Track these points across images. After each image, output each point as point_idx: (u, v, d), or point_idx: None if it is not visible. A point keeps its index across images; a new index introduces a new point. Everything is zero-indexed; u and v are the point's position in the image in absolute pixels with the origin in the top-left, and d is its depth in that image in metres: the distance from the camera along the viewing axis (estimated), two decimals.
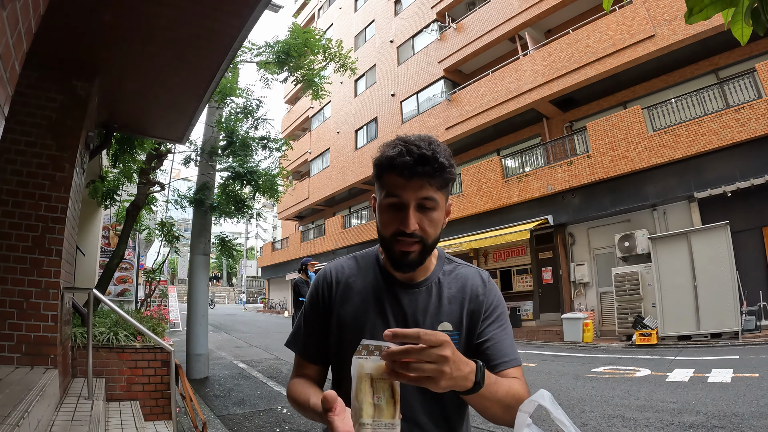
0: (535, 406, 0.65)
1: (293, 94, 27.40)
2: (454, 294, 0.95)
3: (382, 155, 0.88)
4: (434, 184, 0.85)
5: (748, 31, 0.96)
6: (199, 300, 6.88)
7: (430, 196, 0.85)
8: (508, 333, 0.96)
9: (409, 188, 0.84)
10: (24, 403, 1.96)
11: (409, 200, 0.85)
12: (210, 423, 4.01)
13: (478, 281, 0.98)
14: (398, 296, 0.93)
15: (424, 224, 0.86)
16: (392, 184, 0.86)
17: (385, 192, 0.87)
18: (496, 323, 0.95)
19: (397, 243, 0.87)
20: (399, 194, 0.85)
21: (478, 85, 14.57)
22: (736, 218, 8.67)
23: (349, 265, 1.01)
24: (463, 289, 0.96)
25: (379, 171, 0.89)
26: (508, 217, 12.81)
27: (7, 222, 2.87)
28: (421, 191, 0.84)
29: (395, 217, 0.86)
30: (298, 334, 1.01)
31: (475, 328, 0.94)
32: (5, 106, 0.96)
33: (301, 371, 0.99)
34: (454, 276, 0.98)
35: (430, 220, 0.87)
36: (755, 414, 3.81)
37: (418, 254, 0.88)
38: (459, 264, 1.02)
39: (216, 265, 48.24)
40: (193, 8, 2.98)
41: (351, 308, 0.94)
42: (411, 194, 0.84)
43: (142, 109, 4.61)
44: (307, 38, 6.87)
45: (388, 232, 0.88)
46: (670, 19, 9.99)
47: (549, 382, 5.81)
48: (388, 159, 0.85)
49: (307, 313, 1.00)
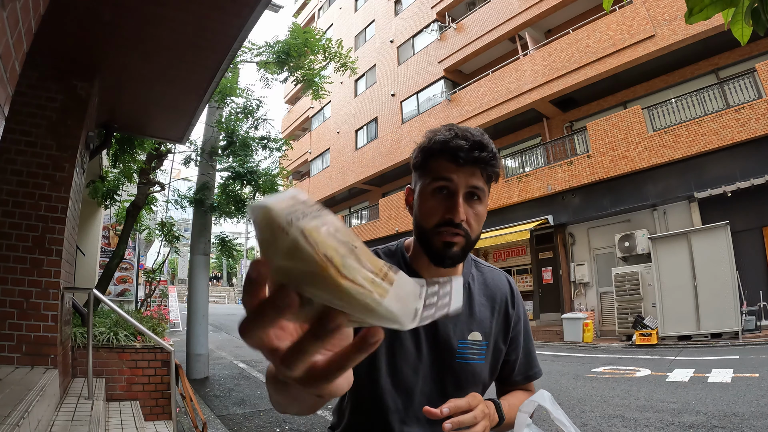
0: (535, 406, 0.65)
1: (293, 94, 27.38)
2: (484, 302, 0.92)
3: (431, 139, 0.82)
4: (485, 174, 0.81)
5: (748, 31, 0.96)
6: (199, 300, 6.88)
7: (480, 186, 0.80)
8: (532, 343, 0.99)
9: (461, 173, 0.79)
10: (24, 403, 1.96)
11: (459, 185, 0.79)
12: (210, 423, 4.01)
13: (507, 289, 0.96)
14: None
15: (470, 216, 0.80)
16: (443, 167, 0.80)
17: (432, 177, 0.81)
18: (525, 335, 0.97)
19: (440, 234, 0.80)
20: (450, 177, 0.79)
21: (478, 85, 14.57)
22: (736, 218, 8.67)
23: None
24: (493, 298, 0.93)
25: (427, 156, 0.82)
26: (508, 217, 12.81)
27: (7, 222, 2.86)
28: (472, 179, 0.79)
29: (441, 204, 0.80)
30: None
31: (503, 340, 0.93)
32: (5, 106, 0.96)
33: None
34: (483, 282, 0.95)
35: (476, 213, 0.81)
36: (755, 414, 3.81)
37: (462, 248, 0.81)
38: (486, 268, 0.98)
39: (216, 265, 48.23)
40: (193, 8, 2.98)
41: None
42: (462, 179, 0.79)
43: (142, 109, 4.61)
44: (307, 38, 6.87)
45: (431, 222, 0.81)
46: (670, 19, 9.99)
47: (549, 382, 5.81)
48: (441, 142, 0.80)
49: None
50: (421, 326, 0.90)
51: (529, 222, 12.05)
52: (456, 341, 0.87)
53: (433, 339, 0.88)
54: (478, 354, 0.88)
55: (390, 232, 17.05)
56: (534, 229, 11.93)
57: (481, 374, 0.89)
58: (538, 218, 11.98)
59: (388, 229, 17.17)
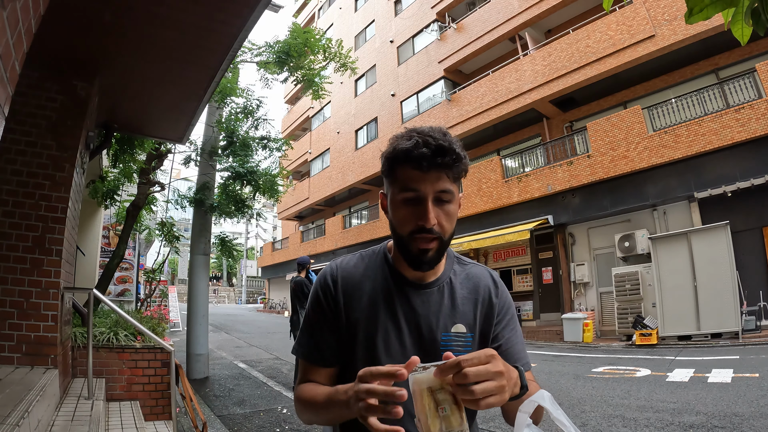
0: (534, 406, 0.65)
1: (293, 94, 27.39)
2: (467, 295, 0.93)
3: (395, 148, 0.84)
4: (451, 175, 0.82)
5: (748, 31, 0.96)
6: (199, 300, 6.89)
7: (448, 188, 0.82)
8: (520, 335, 0.97)
9: (426, 181, 0.80)
10: (24, 403, 1.96)
11: (427, 193, 0.81)
12: (210, 423, 4.01)
13: (490, 282, 0.97)
14: (409, 297, 0.90)
15: (441, 219, 0.82)
16: (408, 177, 0.82)
17: (400, 186, 0.83)
18: (509, 326, 0.95)
19: (415, 240, 0.83)
20: (416, 187, 0.81)
21: (478, 85, 14.57)
22: (736, 218, 8.67)
23: (355, 264, 0.96)
24: (475, 290, 0.94)
25: (392, 164, 0.84)
26: (508, 217, 12.81)
27: (7, 222, 2.86)
28: (438, 183, 0.81)
29: (412, 213, 0.82)
30: (304, 339, 0.94)
31: (488, 331, 0.93)
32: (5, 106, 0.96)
33: (308, 377, 0.93)
34: (465, 276, 0.96)
35: (447, 213, 0.83)
36: (755, 414, 3.81)
37: (436, 251, 0.84)
38: (468, 263, 1.00)
39: (216, 265, 48.22)
40: (193, 8, 2.98)
41: (360, 309, 0.90)
42: (429, 187, 0.81)
43: (142, 109, 4.61)
44: (307, 38, 6.87)
45: (406, 229, 0.84)
46: (670, 19, 9.99)
47: (549, 382, 5.81)
48: (404, 151, 0.81)
49: (312, 315, 0.94)
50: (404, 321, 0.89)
51: (529, 222, 12.05)
52: (439, 334, 0.88)
53: (417, 333, 0.89)
54: (463, 346, 0.89)
55: (390, 232, 17.03)
56: (534, 229, 11.93)
57: None
58: (538, 218, 11.98)
59: (388, 229, 17.06)
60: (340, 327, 0.91)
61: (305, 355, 0.93)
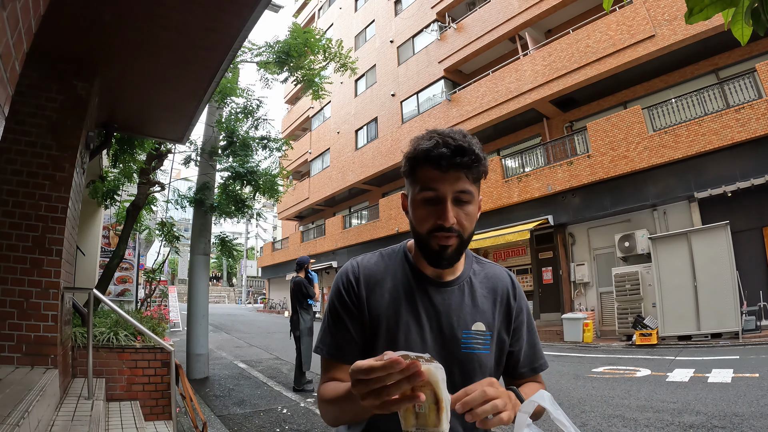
0: (534, 406, 0.65)
1: (293, 94, 27.39)
2: (486, 294, 0.95)
3: (415, 148, 0.85)
4: (470, 176, 0.84)
5: (748, 31, 0.96)
6: (199, 300, 6.88)
7: (467, 188, 0.84)
8: (537, 336, 1.02)
9: (446, 181, 0.82)
10: (24, 403, 1.96)
11: (446, 193, 0.83)
12: (210, 423, 4.01)
13: (508, 283, 0.99)
14: (430, 295, 0.91)
15: (461, 218, 0.84)
16: (428, 177, 0.84)
17: (420, 186, 0.85)
18: (529, 327, 0.99)
19: (434, 238, 0.85)
20: (436, 187, 0.83)
21: (478, 85, 14.57)
22: (736, 218, 8.67)
23: (375, 262, 0.97)
24: (494, 290, 0.97)
25: (413, 165, 0.86)
26: (508, 217, 12.81)
27: (7, 222, 2.86)
28: (457, 184, 0.83)
29: (432, 212, 0.84)
30: (327, 338, 0.93)
31: (506, 330, 0.96)
32: (5, 106, 0.96)
33: (332, 375, 0.91)
34: (484, 276, 0.98)
35: (467, 213, 0.85)
36: (755, 414, 3.81)
37: (456, 248, 0.86)
38: (486, 263, 1.02)
39: (216, 265, 48.23)
40: (193, 8, 2.98)
41: (382, 305, 0.91)
42: (448, 187, 0.83)
43: (142, 109, 4.61)
44: (307, 38, 6.87)
45: (424, 228, 0.85)
46: (670, 19, 9.99)
47: (549, 382, 5.77)
48: (424, 151, 0.83)
49: (334, 312, 0.93)
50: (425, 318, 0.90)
51: (529, 222, 12.05)
52: (460, 332, 0.90)
53: (438, 330, 0.90)
54: (483, 344, 0.91)
55: (390, 232, 17.04)
56: (534, 229, 11.93)
57: (487, 364, 0.92)
58: (538, 218, 11.98)
59: (388, 229, 17.16)
60: (363, 322, 0.92)
61: (328, 352, 0.93)
